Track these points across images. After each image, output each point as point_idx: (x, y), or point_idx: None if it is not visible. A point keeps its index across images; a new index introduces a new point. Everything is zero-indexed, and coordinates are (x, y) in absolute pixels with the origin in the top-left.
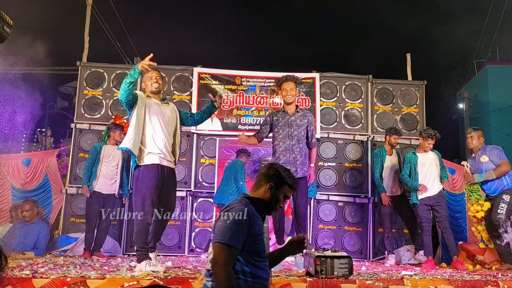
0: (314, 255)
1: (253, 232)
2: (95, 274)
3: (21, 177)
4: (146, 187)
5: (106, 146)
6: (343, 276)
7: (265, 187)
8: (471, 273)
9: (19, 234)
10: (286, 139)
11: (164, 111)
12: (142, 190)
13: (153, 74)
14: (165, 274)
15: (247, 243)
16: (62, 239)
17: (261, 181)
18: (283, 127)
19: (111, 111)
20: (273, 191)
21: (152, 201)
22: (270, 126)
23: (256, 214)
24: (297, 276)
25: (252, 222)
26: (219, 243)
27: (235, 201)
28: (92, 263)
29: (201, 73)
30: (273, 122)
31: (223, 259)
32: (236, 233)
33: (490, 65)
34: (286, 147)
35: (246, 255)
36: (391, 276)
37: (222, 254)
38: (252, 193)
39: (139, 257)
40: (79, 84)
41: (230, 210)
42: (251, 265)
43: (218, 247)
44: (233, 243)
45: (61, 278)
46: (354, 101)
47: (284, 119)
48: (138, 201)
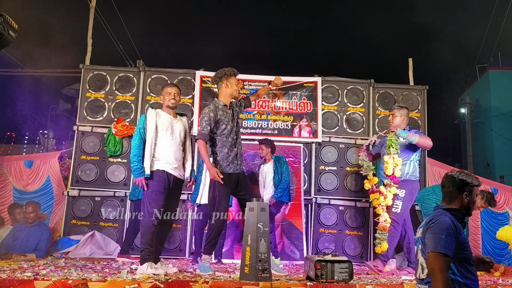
0: (315, 259)
1: (460, 240)
2: (96, 276)
3: (23, 179)
4: (153, 190)
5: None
6: (343, 280)
7: (459, 197)
8: None
9: (20, 236)
10: (233, 134)
11: (174, 126)
12: (149, 194)
13: (172, 90)
14: (166, 277)
15: (456, 251)
16: (63, 241)
17: (453, 194)
18: (229, 122)
19: (113, 114)
20: (469, 198)
21: (160, 205)
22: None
23: (458, 224)
24: (298, 280)
25: (458, 230)
26: (433, 252)
27: (437, 214)
28: (93, 266)
29: (204, 77)
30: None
31: (439, 266)
32: (447, 242)
33: (492, 70)
34: (233, 142)
35: (457, 263)
36: (391, 281)
37: (438, 262)
38: (448, 205)
39: (142, 258)
40: (82, 87)
41: (437, 222)
42: (461, 273)
43: (433, 256)
44: (445, 251)
45: (63, 281)
46: (355, 105)
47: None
48: (146, 204)
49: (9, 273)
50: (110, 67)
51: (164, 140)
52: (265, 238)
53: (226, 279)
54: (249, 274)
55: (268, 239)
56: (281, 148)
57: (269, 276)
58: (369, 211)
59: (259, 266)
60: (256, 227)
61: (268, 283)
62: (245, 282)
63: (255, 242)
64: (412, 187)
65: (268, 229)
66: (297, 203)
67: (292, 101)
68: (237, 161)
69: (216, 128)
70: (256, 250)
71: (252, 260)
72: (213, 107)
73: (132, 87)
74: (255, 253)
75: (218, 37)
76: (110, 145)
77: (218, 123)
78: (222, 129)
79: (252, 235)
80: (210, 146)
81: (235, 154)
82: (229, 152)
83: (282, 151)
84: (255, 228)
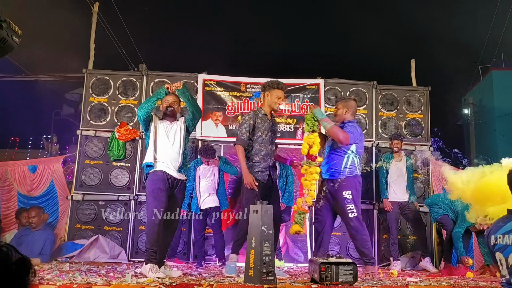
0: (319, 261)
1: None
2: (101, 280)
3: (27, 184)
4: (154, 188)
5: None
6: (348, 282)
7: None
8: (476, 279)
9: (25, 240)
10: (267, 143)
11: (170, 128)
12: (151, 192)
13: (170, 98)
14: (170, 280)
15: None
16: (68, 245)
17: None
18: (265, 131)
19: (116, 118)
20: None
21: (162, 202)
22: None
23: None
24: (302, 283)
25: None
26: None
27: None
28: (98, 270)
29: (206, 80)
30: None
31: None
32: None
33: (495, 71)
34: (267, 152)
35: None
36: (396, 283)
37: None
38: None
39: (147, 257)
40: (85, 91)
41: None
42: None
43: None
44: None
45: (67, 285)
46: (358, 107)
47: (266, 123)
48: (149, 203)
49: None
50: (113, 71)
51: (162, 145)
52: (269, 240)
53: (231, 282)
54: (253, 277)
55: (272, 242)
56: (284, 151)
57: (274, 278)
58: (373, 213)
59: (263, 268)
60: (260, 230)
61: (273, 285)
62: (250, 285)
63: (259, 245)
64: (355, 183)
65: (272, 232)
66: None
67: (294, 103)
68: (268, 171)
69: (252, 135)
70: (261, 253)
71: (256, 263)
72: (252, 114)
73: (135, 91)
74: (260, 255)
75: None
76: (113, 149)
77: (254, 130)
78: (257, 136)
79: (256, 237)
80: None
81: (268, 164)
82: (261, 160)
83: (285, 153)
84: (259, 230)
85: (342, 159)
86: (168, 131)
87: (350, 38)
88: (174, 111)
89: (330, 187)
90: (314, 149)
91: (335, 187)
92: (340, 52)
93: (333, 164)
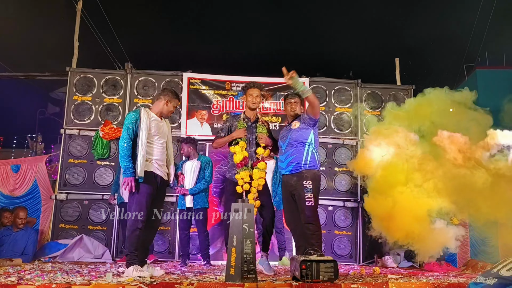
0: (300, 259)
1: None
2: (81, 280)
3: (10, 184)
4: (141, 192)
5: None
6: (329, 280)
7: None
8: (457, 276)
9: (7, 241)
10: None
11: (161, 127)
12: (137, 196)
13: (178, 104)
14: (151, 279)
15: None
16: (51, 245)
17: None
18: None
19: (100, 117)
20: None
21: (146, 207)
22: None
23: None
24: (283, 280)
25: None
26: None
27: None
28: (80, 269)
29: (191, 78)
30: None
31: None
32: None
33: (480, 69)
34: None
35: None
36: (377, 279)
37: None
38: None
39: (128, 261)
40: (69, 90)
41: None
42: None
43: None
44: None
45: (46, 285)
46: (343, 105)
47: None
48: (132, 206)
49: None
50: (96, 69)
51: (155, 142)
52: (251, 239)
53: (212, 280)
54: (234, 275)
55: (253, 240)
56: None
57: (255, 277)
58: (358, 211)
59: (244, 267)
60: (241, 228)
61: (254, 284)
62: (231, 283)
63: (241, 243)
64: (315, 176)
65: (253, 230)
66: None
67: (279, 102)
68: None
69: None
70: (242, 251)
71: (237, 261)
72: (231, 118)
73: (120, 89)
74: (241, 254)
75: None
76: (97, 148)
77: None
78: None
79: (237, 236)
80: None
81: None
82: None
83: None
84: (241, 229)
85: (302, 153)
86: (160, 128)
87: (334, 37)
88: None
89: (292, 182)
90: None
91: (296, 179)
92: (325, 51)
93: (293, 158)
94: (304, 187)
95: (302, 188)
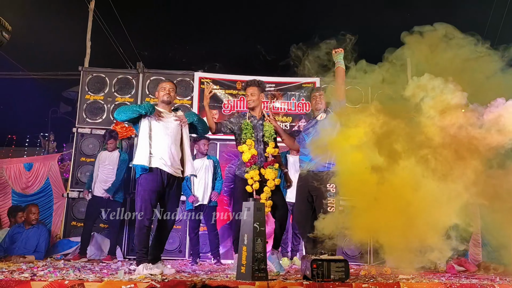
0: (311, 258)
1: None
2: (94, 277)
3: (23, 182)
4: (145, 189)
5: (102, 152)
6: (340, 279)
7: None
8: (469, 276)
9: (19, 238)
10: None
11: (168, 121)
12: (141, 193)
13: (167, 85)
14: (162, 277)
15: None
16: (63, 243)
17: None
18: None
19: (112, 116)
20: None
21: (151, 204)
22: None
23: None
24: (294, 279)
25: None
26: None
27: None
28: (92, 267)
29: (202, 78)
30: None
31: None
32: None
33: None
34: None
35: None
36: (388, 279)
37: None
38: None
39: (138, 259)
40: (81, 89)
41: None
42: None
43: None
44: None
45: (59, 281)
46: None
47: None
48: (138, 204)
49: (7, 274)
50: (109, 69)
51: (159, 136)
52: (262, 237)
53: (223, 279)
54: (245, 273)
55: (264, 239)
56: (280, 149)
57: (266, 275)
58: None
59: (255, 265)
60: (252, 227)
61: (265, 282)
62: (242, 281)
63: (252, 241)
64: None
65: (264, 229)
66: None
67: (290, 101)
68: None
69: (240, 137)
70: (253, 249)
71: (248, 260)
72: (236, 115)
73: (131, 88)
74: (252, 252)
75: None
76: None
77: (240, 131)
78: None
79: (248, 234)
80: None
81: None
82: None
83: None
84: (252, 227)
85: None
86: (167, 121)
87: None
88: (171, 99)
89: (314, 182)
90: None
91: (319, 180)
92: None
93: (318, 157)
94: (327, 191)
95: (325, 191)
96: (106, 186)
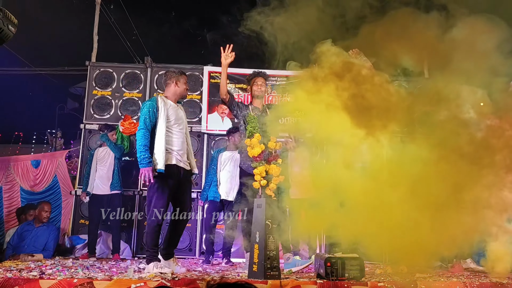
0: (325, 256)
1: None
2: (103, 275)
3: (31, 179)
4: (161, 186)
5: (99, 149)
6: (354, 278)
7: None
8: (488, 276)
9: (28, 236)
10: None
11: (178, 114)
12: (155, 190)
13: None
14: (172, 275)
15: None
16: (72, 239)
17: None
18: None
19: (120, 111)
20: None
21: (165, 202)
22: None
23: None
24: (308, 278)
25: None
26: None
27: None
28: (101, 265)
29: (212, 72)
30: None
31: None
32: None
33: None
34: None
35: None
36: (405, 278)
37: None
38: None
39: (148, 258)
40: (88, 84)
41: None
42: None
43: None
44: None
45: (68, 279)
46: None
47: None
48: (151, 201)
49: (15, 272)
50: (116, 64)
51: (174, 131)
52: (274, 235)
53: (235, 277)
54: (257, 272)
55: (277, 237)
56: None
57: (278, 273)
58: None
59: (267, 264)
60: (264, 225)
61: (277, 281)
62: (254, 280)
63: (263, 239)
64: None
65: (276, 227)
66: None
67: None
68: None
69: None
70: (265, 247)
71: (260, 258)
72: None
73: (139, 83)
74: (264, 250)
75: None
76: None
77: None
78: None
79: (260, 232)
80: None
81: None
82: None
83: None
84: (263, 225)
85: None
86: (178, 116)
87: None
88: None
89: None
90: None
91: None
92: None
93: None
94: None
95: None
96: (109, 182)
